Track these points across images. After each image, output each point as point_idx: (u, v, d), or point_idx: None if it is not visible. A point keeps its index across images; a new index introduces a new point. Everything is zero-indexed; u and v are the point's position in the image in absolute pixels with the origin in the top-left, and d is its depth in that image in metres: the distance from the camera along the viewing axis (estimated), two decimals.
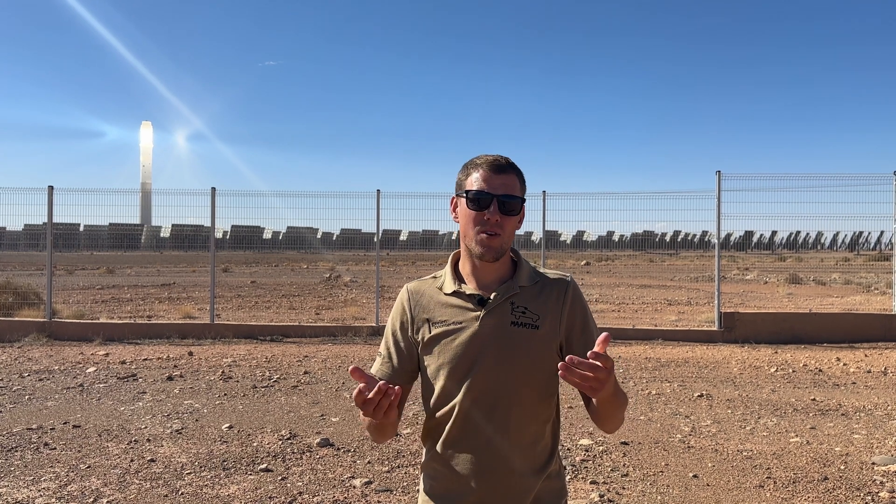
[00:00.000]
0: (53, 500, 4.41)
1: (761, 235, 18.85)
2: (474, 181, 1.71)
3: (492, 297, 1.73)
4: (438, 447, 1.73)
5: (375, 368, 1.82)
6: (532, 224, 13.11)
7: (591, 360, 1.37)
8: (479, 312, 1.72)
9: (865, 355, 9.92)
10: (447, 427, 1.71)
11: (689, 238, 18.54)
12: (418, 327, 1.78)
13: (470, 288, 1.76)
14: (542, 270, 1.82)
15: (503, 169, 1.71)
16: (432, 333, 1.74)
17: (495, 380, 1.68)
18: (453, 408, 1.70)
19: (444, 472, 1.73)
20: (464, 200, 1.73)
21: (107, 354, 9.98)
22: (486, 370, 1.69)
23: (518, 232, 1.84)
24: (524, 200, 1.76)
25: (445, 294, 1.77)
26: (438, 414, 1.73)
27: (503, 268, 1.77)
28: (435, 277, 1.84)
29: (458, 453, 1.70)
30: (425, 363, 1.76)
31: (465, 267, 1.79)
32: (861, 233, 18.01)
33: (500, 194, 1.69)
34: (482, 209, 1.69)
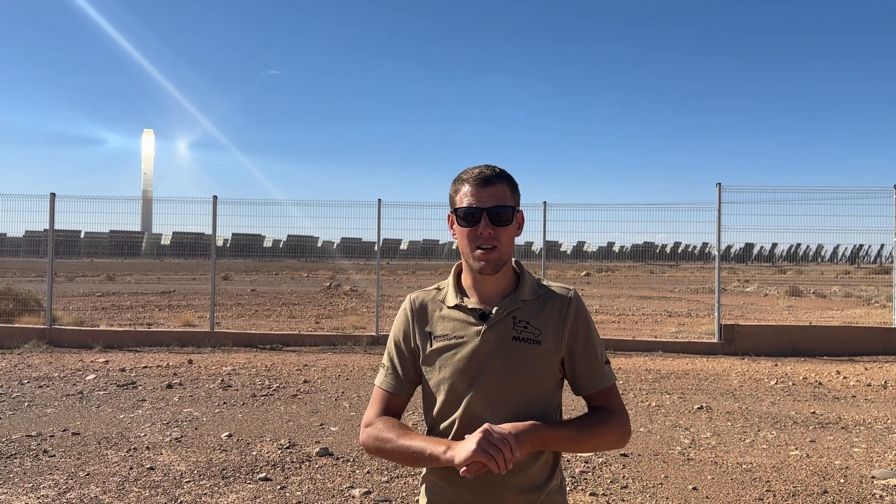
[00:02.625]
0: None
1: (762, 248, 18.88)
2: (463, 197, 1.70)
3: (494, 311, 1.71)
4: None
5: (379, 380, 1.83)
6: (533, 234, 13.14)
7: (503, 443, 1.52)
8: (480, 327, 1.70)
9: (865, 368, 9.91)
10: None
11: (690, 250, 18.58)
12: (420, 339, 1.77)
13: (472, 302, 1.75)
14: (545, 283, 1.80)
15: (490, 181, 1.69)
16: (434, 347, 1.74)
17: (496, 395, 1.67)
18: (454, 422, 1.69)
19: (443, 486, 1.72)
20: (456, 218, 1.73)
21: (106, 362, 9.98)
22: (487, 385, 1.67)
23: (518, 242, 1.83)
24: (517, 208, 1.74)
25: (448, 307, 1.77)
26: (439, 428, 1.73)
27: (505, 280, 1.75)
28: (438, 289, 1.84)
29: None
30: (427, 376, 1.76)
31: (466, 280, 1.79)
32: (861, 246, 18.03)
33: (489, 207, 1.67)
34: (474, 224, 1.68)
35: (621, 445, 1.76)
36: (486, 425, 1.56)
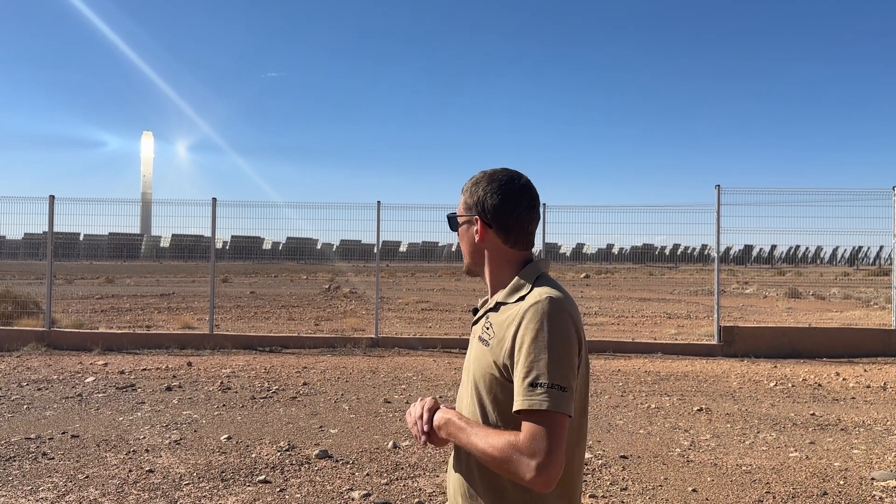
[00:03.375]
0: None
1: (761, 249, 18.86)
2: None
3: (480, 310, 1.80)
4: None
5: None
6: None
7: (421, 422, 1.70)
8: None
9: (865, 370, 9.91)
10: None
11: (689, 251, 18.59)
12: None
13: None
14: (541, 289, 1.65)
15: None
16: None
17: (465, 388, 1.74)
18: None
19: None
20: None
21: (106, 364, 9.97)
22: (465, 376, 1.77)
23: None
24: (469, 216, 1.77)
25: None
26: None
27: (498, 281, 1.77)
28: None
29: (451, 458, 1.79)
30: None
31: None
32: (860, 247, 18.07)
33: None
34: None
35: (529, 484, 1.49)
36: (423, 398, 1.76)
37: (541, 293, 1.61)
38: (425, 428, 1.68)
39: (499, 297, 1.71)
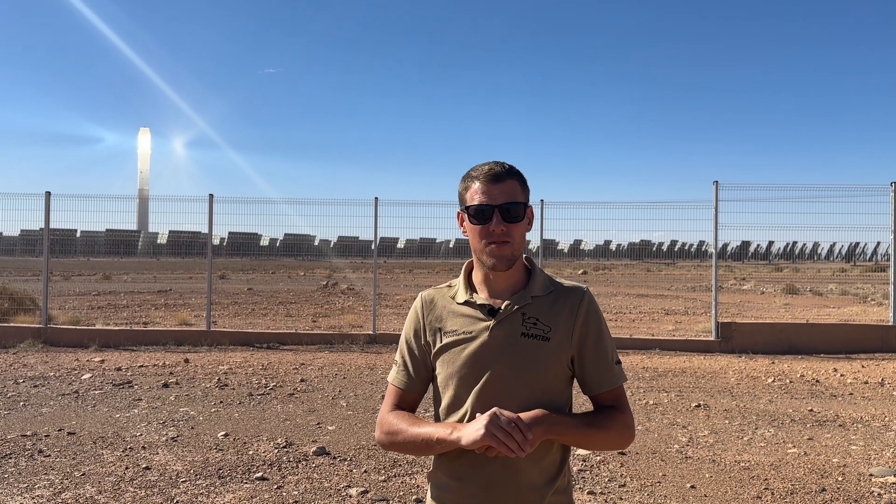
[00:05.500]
0: None
1: (758, 245, 18.92)
2: (474, 194, 1.70)
3: (503, 307, 1.71)
4: (446, 456, 1.70)
5: (392, 376, 1.83)
6: (530, 232, 13.13)
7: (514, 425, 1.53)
8: (489, 322, 1.70)
9: (862, 366, 9.92)
10: None
11: (687, 248, 18.61)
12: (430, 336, 1.77)
13: (482, 297, 1.75)
14: (557, 280, 1.79)
15: (500, 177, 1.69)
16: (443, 342, 1.74)
17: (504, 390, 1.66)
18: (463, 417, 1.69)
19: (450, 483, 1.71)
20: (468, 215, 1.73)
21: (102, 361, 9.94)
22: (496, 380, 1.67)
23: None
24: (527, 204, 1.73)
25: (458, 303, 1.77)
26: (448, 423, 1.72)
27: (516, 276, 1.74)
28: (450, 286, 1.83)
29: (465, 464, 1.67)
30: (436, 371, 1.77)
31: (477, 276, 1.78)
32: (858, 243, 18.08)
33: (500, 203, 1.67)
34: (486, 222, 1.68)
35: (623, 447, 1.78)
36: (494, 409, 1.55)
37: (577, 284, 1.78)
38: (530, 436, 1.53)
39: (533, 290, 1.73)
